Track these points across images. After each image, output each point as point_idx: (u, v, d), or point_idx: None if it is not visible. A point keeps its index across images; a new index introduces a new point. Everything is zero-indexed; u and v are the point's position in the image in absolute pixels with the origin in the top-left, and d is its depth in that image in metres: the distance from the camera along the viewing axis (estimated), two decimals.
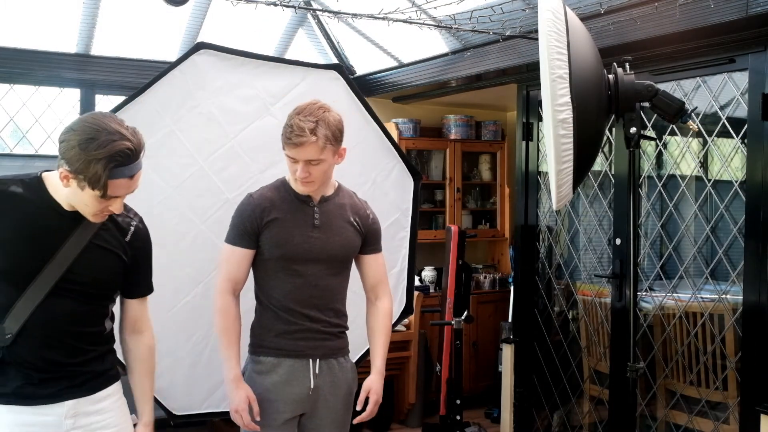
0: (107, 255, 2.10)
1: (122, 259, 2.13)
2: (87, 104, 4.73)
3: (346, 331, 2.66)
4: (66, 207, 2.02)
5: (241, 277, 2.55)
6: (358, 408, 2.63)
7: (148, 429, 2.28)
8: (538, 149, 4.43)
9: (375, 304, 2.70)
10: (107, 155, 1.88)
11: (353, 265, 2.69)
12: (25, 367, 2.02)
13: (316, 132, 2.36)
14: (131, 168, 1.94)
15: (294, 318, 2.51)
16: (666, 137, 3.73)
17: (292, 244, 2.48)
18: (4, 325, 1.99)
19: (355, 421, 2.63)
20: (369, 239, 2.65)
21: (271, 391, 2.49)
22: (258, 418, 2.48)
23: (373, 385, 2.62)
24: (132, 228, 2.16)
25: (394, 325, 3.48)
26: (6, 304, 1.99)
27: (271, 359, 2.52)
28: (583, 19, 2.93)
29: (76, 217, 2.02)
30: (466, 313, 4.27)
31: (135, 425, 2.27)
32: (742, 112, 3.26)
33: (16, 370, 2.02)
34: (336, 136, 2.42)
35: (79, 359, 2.09)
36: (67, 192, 1.97)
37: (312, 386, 2.52)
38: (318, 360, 2.54)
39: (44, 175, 2.05)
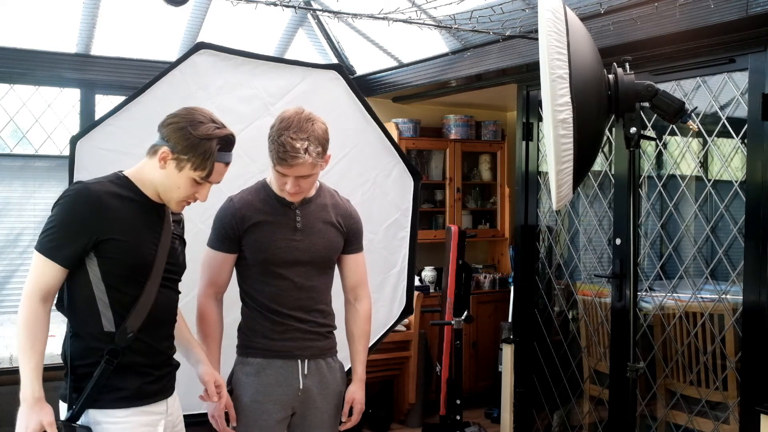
0: (180, 242, 2.22)
1: (185, 245, 2.26)
2: (87, 104, 4.71)
3: (334, 331, 2.64)
4: (154, 199, 2.10)
5: (223, 281, 2.55)
6: (343, 419, 2.63)
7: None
8: (538, 149, 4.43)
9: (354, 306, 2.67)
10: (217, 136, 2.02)
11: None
12: (141, 364, 2.05)
13: (309, 150, 2.33)
14: (229, 155, 2.09)
15: (281, 319, 2.49)
16: (666, 137, 3.72)
17: (275, 249, 2.47)
18: (126, 324, 2.00)
19: (340, 428, 2.64)
20: (350, 239, 2.63)
21: (261, 393, 2.47)
22: (234, 424, 2.48)
23: (356, 395, 2.62)
24: (182, 216, 2.30)
25: (394, 325, 3.49)
26: (128, 302, 2.02)
27: (259, 360, 2.50)
28: (583, 19, 2.93)
29: (160, 210, 2.11)
30: (466, 313, 4.27)
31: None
32: (742, 112, 3.26)
33: (131, 370, 2.03)
34: (325, 148, 2.41)
35: (174, 350, 2.19)
36: (159, 176, 2.05)
37: (301, 387, 2.50)
38: (307, 360, 2.52)
39: (126, 173, 2.11)
